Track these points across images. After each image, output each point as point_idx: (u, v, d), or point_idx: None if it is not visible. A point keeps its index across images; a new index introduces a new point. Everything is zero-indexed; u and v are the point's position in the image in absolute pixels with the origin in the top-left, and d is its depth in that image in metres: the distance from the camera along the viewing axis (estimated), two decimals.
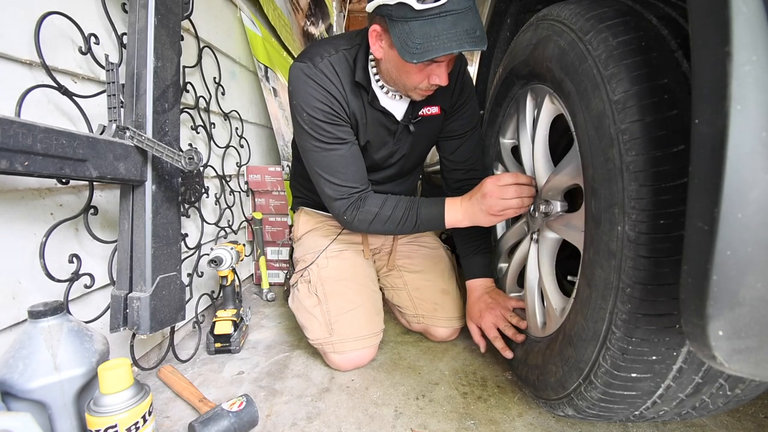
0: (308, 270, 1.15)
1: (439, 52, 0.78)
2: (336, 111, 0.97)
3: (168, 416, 0.88)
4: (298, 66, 0.96)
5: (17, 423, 0.52)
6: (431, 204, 1.01)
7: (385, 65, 0.94)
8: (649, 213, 0.53)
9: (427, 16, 0.77)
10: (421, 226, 1.02)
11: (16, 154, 0.60)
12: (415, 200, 1.02)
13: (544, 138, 0.89)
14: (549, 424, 0.85)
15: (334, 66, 0.97)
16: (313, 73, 0.95)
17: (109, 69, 0.85)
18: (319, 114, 0.96)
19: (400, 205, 1.01)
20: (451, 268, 1.30)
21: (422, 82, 0.91)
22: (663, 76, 0.54)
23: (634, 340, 0.57)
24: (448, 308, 1.20)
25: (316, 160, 1.01)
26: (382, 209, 1.01)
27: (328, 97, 0.96)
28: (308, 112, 0.96)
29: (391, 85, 0.98)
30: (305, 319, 1.10)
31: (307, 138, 0.98)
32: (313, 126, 0.97)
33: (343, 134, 0.99)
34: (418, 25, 0.78)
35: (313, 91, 0.95)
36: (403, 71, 0.90)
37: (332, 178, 1.00)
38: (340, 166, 1.00)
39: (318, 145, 0.98)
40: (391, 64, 0.92)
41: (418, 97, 0.98)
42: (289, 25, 2.64)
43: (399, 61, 0.88)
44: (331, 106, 0.96)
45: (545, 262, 0.89)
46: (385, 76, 0.97)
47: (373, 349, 1.09)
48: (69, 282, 0.79)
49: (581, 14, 0.66)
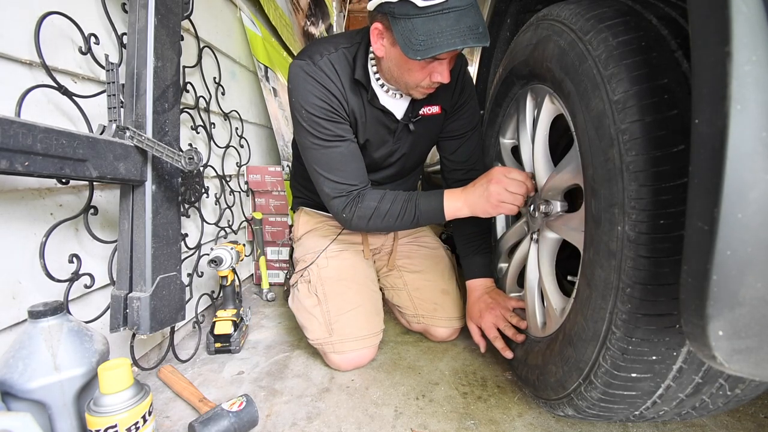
0: (308, 270, 1.15)
1: (443, 48, 0.78)
2: (335, 108, 0.97)
3: (168, 416, 0.88)
4: (297, 64, 0.96)
5: (17, 423, 0.52)
6: (430, 196, 1.00)
7: (387, 63, 0.93)
8: (649, 213, 0.53)
9: (430, 13, 0.78)
10: (421, 218, 1.00)
11: (16, 154, 0.60)
12: (413, 193, 1.01)
13: (544, 138, 0.89)
14: (549, 424, 0.85)
15: (333, 64, 0.97)
16: (312, 71, 0.95)
17: (109, 69, 0.85)
18: (318, 111, 0.96)
19: (398, 198, 1.00)
20: (451, 268, 1.30)
21: (424, 79, 0.91)
22: (663, 76, 0.54)
23: (634, 340, 0.57)
24: (448, 308, 1.20)
25: (315, 158, 1.00)
26: (381, 204, 0.99)
27: (327, 95, 0.96)
28: (307, 110, 0.96)
29: (392, 84, 0.98)
30: (305, 319, 1.10)
31: (307, 135, 0.98)
32: (312, 123, 0.97)
33: (342, 132, 0.99)
34: (421, 21, 0.78)
35: (313, 89, 0.95)
36: (405, 69, 0.90)
37: (331, 175, 1.00)
38: (339, 164, 1.00)
39: (317, 143, 0.98)
40: (392, 62, 0.92)
41: (419, 96, 0.98)
42: (290, 24, 2.65)
43: (401, 58, 0.88)
44: (330, 103, 0.96)
45: (545, 262, 0.89)
46: (386, 75, 0.97)
47: (373, 349, 1.09)
48: (69, 282, 0.79)
49: (581, 14, 0.66)
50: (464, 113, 1.13)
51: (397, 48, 0.86)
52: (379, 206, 1.00)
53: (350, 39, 1.01)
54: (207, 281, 1.34)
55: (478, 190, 0.93)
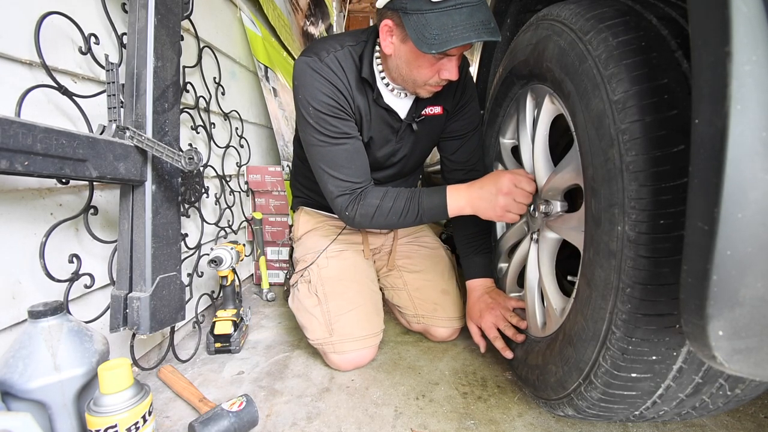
0: (308, 270, 1.15)
1: (458, 41, 0.79)
2: (341, 105, 0.97)
3: (168, 416, 0.88)
4: (304, 60, 0.96)
5: (17, 423, 0.52)
6: (433, 193, 0.99)
7: (395, 61, 0.94)
8: (649, 213, 0.53)
9: (444, 8, 0.79)
10: (424, 216, 0.99)
11: (16, 154, 0.60)
12: (416, 191, 1.01)
13: (544, 138, 0.89)
14: (549, 424, 0.85)
15: (339, 61, 0.97)
16: (319, 67, 0.95)
17: (109, 69, 0.85)
18: (325, 108, 0.96)
19: (401, 196, 0.99)
20: (451, 268, 1.30)
21: (433, 77, 0.91)
22: (663, 76, 0.54)
23: (634, 340, 0.57)
24: (448, 308, 1.20)
25: (320, 155, 1.00)
26: (383, 201, 0.99)
27: (334, 91, 0.96)
28: (314, 106, 0.95)
29: (399, 83, 0.99)
30: (305, 319, 1.10)
31: (313, 132, 0.98)
32: (318, 120, 0.96)
33: (348, 129, 0.99)
34: (434, 16, 0.79)
35: (320, 85, 0.95)
36: (414, 65, 0.90)
37: (335, 173, 1.00)
38: (344, 161, 0.99)
39: (323, 140, 0.98)
40: (401, 60, 0.92)
41: (426, 94, 0.98)
42: (288, 25, 2.64)
43: (411, 54, 0.88)
44: (337, 100, 0.96)
45: (545, 262, 0.89)
46: (393, 73, 0.97)
47: (373, 350, 1.09)
48: (69, 282, 0.79)
49: (581, 14, 0.66)
50: (466, 113, 1.13)
51: (407, 44, 0.87)
52: (381, 204, 0.99)
53: (356, 38, 1.01)
54: (207, 281, 1.34)
55: (486, 197, 0.93)
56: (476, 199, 0.95)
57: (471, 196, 0.96)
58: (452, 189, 0.98)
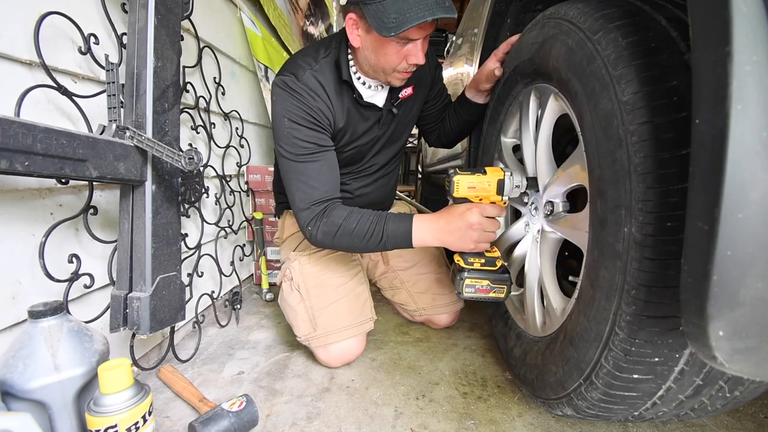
0: (289, 267, 1.15)
1: (414, 21, 0.82)
2: (318, 121, 0.98)
3: (168, 416, 0.88)
4: (281, 79, 0.97)
5: (17, 423, 0.52)
6: (399, 220, 0.95)
7: (363, 53, 0.96)
8: (657, 215, 0.53)
9: None
10: (388, 242, 0.95)
11: (16, 154, 0.60)
12: (384, 214, 0.96)
13: (548, 137, 0.89)
14: (549, 424, 0.85)
15: (317, 77, 0.98)
16: (296, 86, 0.96)
17: (109, 69, 0.85)
18: (301, 120, 0.97)
19: (365, 218, 0.95)
20: (439, 255, 1.36)
21: (400, 62, 0.94)
22: (672, 78, 0.54)
23: (638, 341, 0.57)
24: (445, 295, 1.28)
25: (290, 167, 1.00)
26: (347, 221, 0.95)
27: (310, 110, 0.97)
28: (289, 124, 0.97)
29: (371, 75, 1.01)
30: (291, 317, 1.11)
31: (285, 146, 0.99)
32: (291, 138, 0.97)
33: (322, 142, 1.00)
34: (391, 2, 0.83)
35: (296, 103, 0.96)
36: (381, 54, 0.93)
37: (303, 186, 0.99)
38: (314, 175, 0.99)
39: (295, 157, 0.99)
40: (369, 50, 0.94)
41: (397, 82, 1.00)
42: (288, 25, 2.64)
43: (377, 43, 0.91)
44: (314, 115, 0.97)
45: (546, 262, 0.89)
46: (364, 66, 0.99)
47: (359, 340, 1.09)
48: (69, 282, 0.79)
49: (590, 14, 0.66)
50: (440, 81, 1.25)
51: (372, 33, 0.90)
52: (344, 224, 0.95)
53: (326, 47, 1.02)
54: (207, 281, 1.34)
55: (456, 232, 0.90)
56: (444, 234, 0.92)
57: (438, 231, 0.93)
58: (418, 219, 0.95)
